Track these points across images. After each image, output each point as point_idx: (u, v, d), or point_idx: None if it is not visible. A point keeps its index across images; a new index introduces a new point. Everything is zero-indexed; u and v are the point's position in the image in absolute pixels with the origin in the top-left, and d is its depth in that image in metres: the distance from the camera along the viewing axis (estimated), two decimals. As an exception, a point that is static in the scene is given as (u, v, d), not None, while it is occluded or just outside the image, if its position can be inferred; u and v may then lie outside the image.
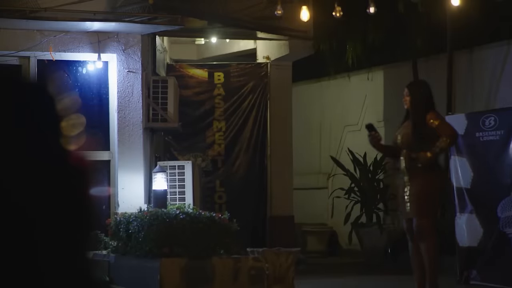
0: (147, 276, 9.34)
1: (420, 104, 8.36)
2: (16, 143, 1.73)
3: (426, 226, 8.23)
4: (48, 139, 1.76)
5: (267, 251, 9.55)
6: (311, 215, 15.61)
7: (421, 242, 8.27)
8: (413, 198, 8.24)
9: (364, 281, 11.43)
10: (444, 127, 8.37)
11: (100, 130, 10.92)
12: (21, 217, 1.70)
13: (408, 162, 8.28)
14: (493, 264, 10.14)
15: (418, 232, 8.27)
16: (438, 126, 8.26)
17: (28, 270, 1.70)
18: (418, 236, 8.28)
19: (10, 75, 1.81)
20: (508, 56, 12.54)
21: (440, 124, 8.33)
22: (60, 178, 1.76)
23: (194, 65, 13.64)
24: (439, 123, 8.32)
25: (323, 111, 16.08)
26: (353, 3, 12.23)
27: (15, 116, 1.73)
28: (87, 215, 1.81)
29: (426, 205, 8.25)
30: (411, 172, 8.26)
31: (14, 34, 10.61)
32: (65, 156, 1.77)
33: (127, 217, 9.78)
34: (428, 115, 8.28)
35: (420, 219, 8.24)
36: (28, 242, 1.71)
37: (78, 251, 1.78)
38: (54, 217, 1.74)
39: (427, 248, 8.23)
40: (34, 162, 1.73)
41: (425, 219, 8.24)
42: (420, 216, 8.24)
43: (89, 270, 1.81)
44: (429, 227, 8.25)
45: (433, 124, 8.25)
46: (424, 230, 8.23)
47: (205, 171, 12.96)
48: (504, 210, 10.13)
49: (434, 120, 8.27)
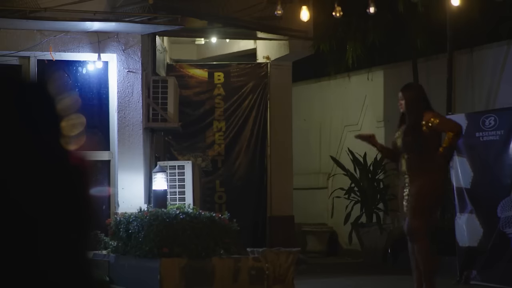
0: (147, 276, 9.34)
1: (415, 106, 8.34)
2: (16, 143, 1.73)
3: (417, 227, 8.19)
4: (48, 139, 1.76)
5: (267, 251, 9.56)
6: (311, 215, 15.61)
7: (413, 243, 8.28)
8: (410, 199, 8.24)
9: (364, 281, 11.43)
10: (446, 123, 8.37)
11: (100, 130, 10.92)
12: (21, 216, 1.71)
13: (409, 164, 8.28)
14: (493, 264, 10.14)
15: (409, 232, 8.28)
16: (439, 123, 8.24)
17: (28, 270, 1.71)
18: (410, 237, 8.29)
19: (10, 75, 1.81)
20: (508, 56, 12.54)
21: (441, 121, 8.31)
22: (60, 178, 1.76)
23: (194, 65, 13.64)
24: (440, 120, 8.30)
25: (323, 111, 16.07)
26: (353, 3, 12.24)
27: (15, 116, 1.73)
28: (87, 215, 1.81)
29: (420, 207, 8.21)
30: (411, 174, 8.25)
31: (14, 34, 10.61)
32: (65, 156, 1.77)
33: (127, 217, 9.78)
34: (426, 115, 8.26)
35: (412, 220, 8.23)
36: (29, 242, 1.71)
37: (78, 250, 1.78)
38: (54, 217, 1.74)
39: (418, 249, 8.23)
40: (34, 162, 1.73)
41: (417, 220, 8.19)
42: (412, 217, 8.23)
43: (89, 270, 1.82)
44: (420, 228, 8.19)
45: (434, 122, 8.21)
46: (415, 231, 8.21)
47: (205, 171, 12.97)
48: (504, 210, 10.13)
49: (435, 119, 8.25)
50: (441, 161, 8.21)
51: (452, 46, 12.74)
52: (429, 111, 8.33)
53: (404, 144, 8.31)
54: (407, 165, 8.28)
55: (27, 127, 1.74)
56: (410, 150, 8.26)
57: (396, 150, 8.48)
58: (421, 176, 8.19)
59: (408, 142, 8.27)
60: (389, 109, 14.60)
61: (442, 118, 8.44)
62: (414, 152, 8.23)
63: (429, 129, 8.21)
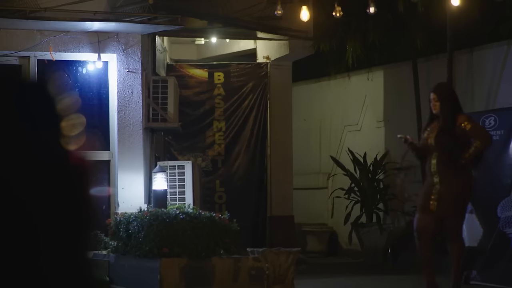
0: (147, 276, 9.34)
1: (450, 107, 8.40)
2: (17, 143, 1.73)
3: (457, 226, 8.43)
4: (48, 139, 1.76)
5: (267, 251, 9.56)
6: (311, 215, 15.61)
7: (451, 242, 8.44)
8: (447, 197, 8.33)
9: (364, 281, 11.42)
10: (477, 131, 8.43)
11: (100, 130, 10.92)
12: (21, 217, 1.70)
13: (440, 164, 8.34)
14: (493, 264, 10.14)
15: (449, 231, 8.42)
16: (470, 129, 8.32)
17: (28, 270, 1.71)
18: (449, 236, 8.44)
19: (10, 75, 1.81)
20: (508, 56, 12.54)
21: (473, 127, 8.39)
22: (60, 178, 1.76)
23: (194, 65, 13.64)
24: (472, 126, 8.38)
25: (323, 111, 16.07)
26: (353, 3, 12.24)
27: (15, 116, 1.73)
28: (87, 215, 1.81)
29: (460, 206, 8.43)
30: (442, 174, 8.34)
31: (14, 34, 10.61)
32: (65, 156, 1.77)
33: (127, 217, 9.78)
34: (459, 118, 8.36)
35: (453, 219, 8.39)
36: (29, 242, 1.71)
37: (78, 250, 1.78)
38: (54, 217, 1.74)
39: (456, 247, 8.41)
40: (34, 162, 1.73)
41: (457, 219, 8.43)
42: (453, 217, 8.40)
43: (89, 270, 1.82)
44: (460, 228, 8.49)
45: (466, 127, 8.31)
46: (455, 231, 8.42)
47: (205, 171, 12.96)
48: (504, 210, 10.13)
49: (468, 123, 8.33)
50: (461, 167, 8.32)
51: (452, 46, 12.74)
52: (462, 114, 8.44)
53: (436, 144, 8.37)
54: (437, 165, 8.35)
55: (27, 127, 1.74)
56: (442, 150, 8.33)
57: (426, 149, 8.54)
58: (453, 176, 8.30)
59: (441, 142, 8.33)
60: (389, 109, 14.60)
61: (474, 124, 8.51)
62: (446, 152, 8.30)
63: (461, 132, 8.29)
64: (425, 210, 8.48)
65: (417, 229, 8.48)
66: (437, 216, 8.41)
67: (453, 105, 8.45)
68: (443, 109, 8.40)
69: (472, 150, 8.26)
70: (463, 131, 8.31)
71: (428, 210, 8.44)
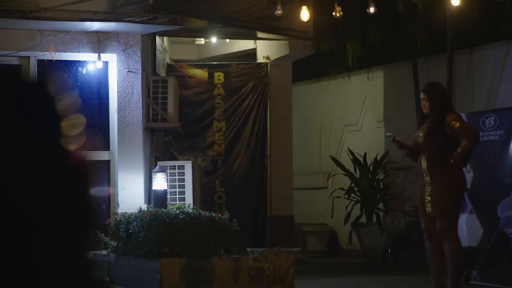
0: (147, 276, 9.34)
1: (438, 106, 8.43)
2: (16, 143, 1.73)
3: (450, 226, 8.42)
4: (48, 139, 1.76)
5: (267, 251, 9.56)
6: (311, 215, 15.61)
7: (446, 241, 8.43)
8: (438, 198, 8.35)
9: (364, 281, 11.43)
10: (464, 129, 8.45)
11: (100, 130, 10.92)
12: (21, 216, 1.70)
13: (430, 164, 8.37)
14: (493, 264, 10.14)
15: (442, 231, 8.42)
16: (458, 128, 8.36)
17: (28, 270, 1.70)
18: (443, 236, 8.44)
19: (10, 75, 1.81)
20: (508, 56, 12.54)
21: (460, 126, 8.42)
22: (60, 178, 1.76)
23: (194, 65, 13.64)
24: (460, 125, 8.41)
25: (323, 111, 16.07)
26: (353, 3, 12.24)
27: (15, 116, 1.73)
28: (87, 215, 1.81)
29: (451, 206, 8.43)
30: (432, 173, 8.36)
31: (14, 34, 10.61)
32: (65, 156, 1.77)
33: (127, 217, 9.78)
34: (448, 117, 8.38)
35: (445, 219, 8.39)
36: (28, 242, 1.71)
37: (78, 250, 1.78)
38: (54, 217, 1.74)
39: (450, 247, 8.40)
40: (34, 162, 1.73)
41: (449, 219, 8.43)
42: (445, 216, 8.40)
43: (89, 270, 1.81)
44: (453, 227, 8.45)
45: (454, 126, 8.35)
46: (449, 230, 8.41)
47: (205, 171, 12.96)
48: (504, 210, 10.13)
49: (456, 122, 8.37)
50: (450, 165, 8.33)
51: (452, 46, 12.74)
52: (451, 113, 8.46)
53: (425, 143, 8.40)
54: (427, 164, 8.39)
55: (27, 127, 1.74)
56: (431, 149, 8.35)
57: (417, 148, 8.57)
58: (443, 176, 8.32)
59: (429, 142, 8.36)
60: (389, 109, 14.60)
61: (462, 123, 8.54)
62: (435, 151, 8.32)
63: (450, 131, 8.33)
64: (425, 214, 8.56)
65: (425, 231, 8.58)
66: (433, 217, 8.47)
67: (443, 104, 8.48)
68: (432, 109, 8.45)
69: (460, 149, 8.31)
70: (452, 129, 8.35)
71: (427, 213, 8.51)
